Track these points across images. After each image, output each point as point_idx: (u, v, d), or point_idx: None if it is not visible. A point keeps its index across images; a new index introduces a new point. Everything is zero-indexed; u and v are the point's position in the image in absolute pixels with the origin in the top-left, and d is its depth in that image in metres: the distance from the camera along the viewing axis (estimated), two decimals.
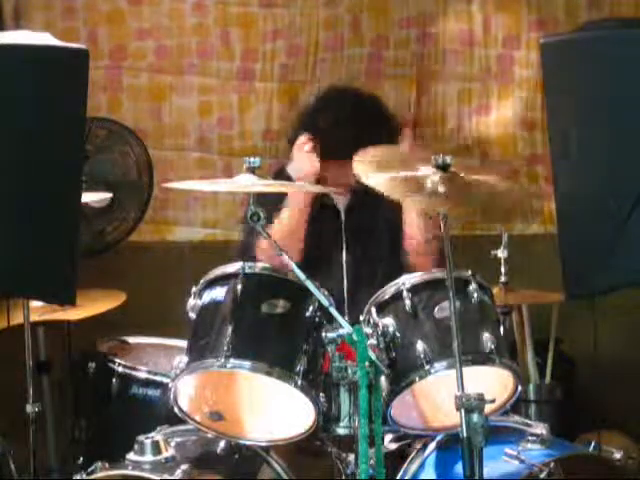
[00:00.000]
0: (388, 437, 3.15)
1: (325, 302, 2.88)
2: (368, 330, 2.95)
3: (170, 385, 2.94)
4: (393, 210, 3.65)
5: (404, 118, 3.94)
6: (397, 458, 3.18)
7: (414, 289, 2.98)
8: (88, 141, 4.09)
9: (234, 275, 2.95)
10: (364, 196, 3.65)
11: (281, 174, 3.75)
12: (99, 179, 4.15)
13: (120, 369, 3.55)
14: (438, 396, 2.96)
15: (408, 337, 2.94)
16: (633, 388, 4.19)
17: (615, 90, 2.57)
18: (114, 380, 3.54)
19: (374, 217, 3.68)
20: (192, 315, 3.00)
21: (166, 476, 2.91)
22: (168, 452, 3.01)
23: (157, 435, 3.04)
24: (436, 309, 2.94)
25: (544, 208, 4.83)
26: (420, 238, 3.52)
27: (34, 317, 3.55)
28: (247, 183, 2.94)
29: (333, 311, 2.87)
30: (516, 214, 4.87)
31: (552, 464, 2.93)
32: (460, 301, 2.84)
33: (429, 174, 2.83)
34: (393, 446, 3.16)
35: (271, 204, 3.38)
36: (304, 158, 3.55)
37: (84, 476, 3.01)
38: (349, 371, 2.87)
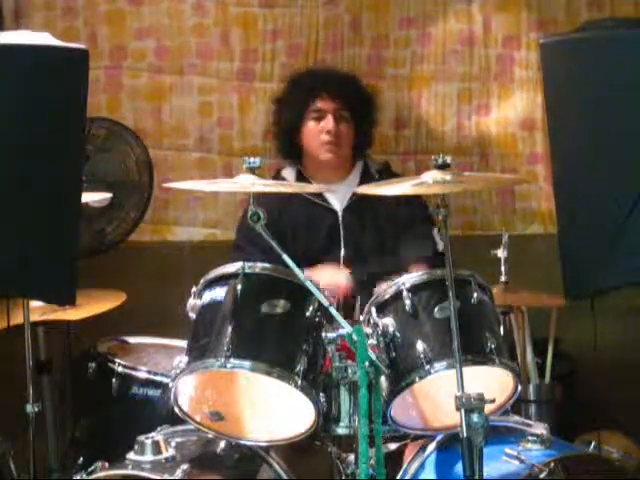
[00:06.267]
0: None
1: (325, 302, 2.88)
2: (368, 330, 2.95)
3: (170, 385, 2.94)
4: (389, 210, 3.68)
5: None
6: (397, 458, 3.18)
7: (414, 289, 2.98)
8: (88, 141, 4.09)
9: (234, 275, 2.95)
10: (361, 197, 3.68)
11: (278, 178, 3.78)
12: (99, 179, 4.15)
13: (120, 369, 3.55)
14: (438, 396, 2.96)
15: (408, 337, 2.94)
16: (633, 388, 4.19)
17: (615, 90, 2.57)
18: (114, 380, 3.54)
19: (371, 218, 3.70)
20: (192, 315, 3.00)
21: (166, 476, 2.91)
22: (168, 452, 3.01)
23: (157, 435, 3.04)
24: (436, 309, 2.94)
25: (544, 208, 4.84)
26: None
27: (34, 317, 3.55)
28: (247, 183, 2.94)
29: (333, 311, 2.87)
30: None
31: (552, 464, 2.93)
32: (460, 301, 2.84)
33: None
34: (393, 446, 3.16)
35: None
36: (339, 274, 3.55)
37: (84, 476, 3.01)
38: (349, 371, 2.87)
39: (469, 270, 3.01)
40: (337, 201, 3.75)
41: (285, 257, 2.86)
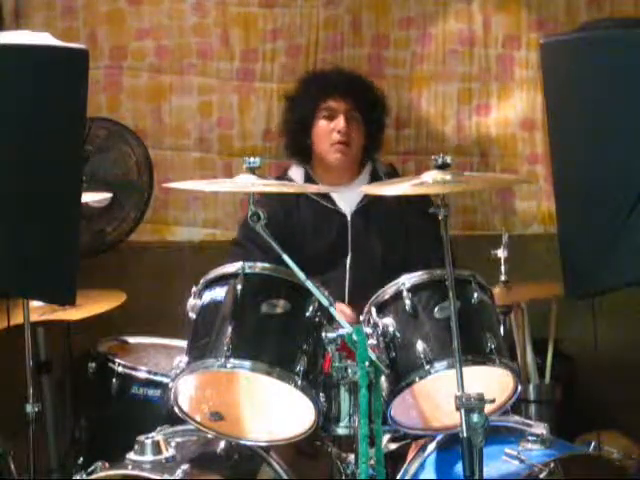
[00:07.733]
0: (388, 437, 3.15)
1: (325, 302, 2.88)
2: (368, 330, 2.95)
3: (170, 385, 2.94)
4: (398, 215, 3.67)
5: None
6: (399, 458, 3.18)
7: (414, 289, 2.98)
8: (88, 141, 4.10)
9: (234, 275, 2.95)
10: (370, 201, 3.67)
11: (284, 178, 3.77)
12: (99, 179, 4.15)
13: (120, 369, 3.55)
14: (438, 396, 2.96)
15: (408, 337, 2.95)
16: (633, 388, 4.19)
17: (614, 90, 2.57)
18: (114, 380, 3.55)
19: (380, 222, 3.69)
20: (192, 315, 3.00)
21: (166, 476, 2.91)
22: (168, 452, 3.01)
23: (157, 435, 3.04)
24: (436, 309, 2.94)
25: (544, 208, 4.84)
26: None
27: (34, 317, 3.55)
28: (247, 183, 2.94)
29: (333, 311, 2.87)
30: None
31: (552, 464, 2.93)
32: (460, 301, 2.84)
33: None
34: (393, 446, 3.16)
35: None
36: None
37: (84, 476, 3.01)
38: (349, 371, 2.87)
39: (469, 270, 3.02)
40: (346, 204, 3.72)
41: (285, 257, 2.86)
